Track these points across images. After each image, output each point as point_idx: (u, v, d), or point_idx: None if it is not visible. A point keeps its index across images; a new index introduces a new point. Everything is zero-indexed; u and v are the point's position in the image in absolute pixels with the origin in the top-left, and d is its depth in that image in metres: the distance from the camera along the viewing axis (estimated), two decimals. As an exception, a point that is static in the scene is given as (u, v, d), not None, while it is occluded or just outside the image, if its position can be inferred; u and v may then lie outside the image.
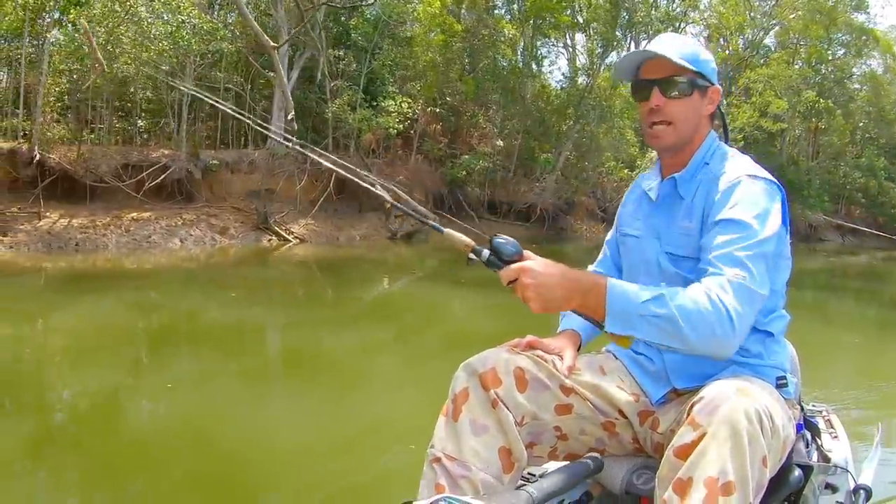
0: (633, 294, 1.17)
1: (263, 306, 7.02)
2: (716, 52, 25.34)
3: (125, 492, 2.61)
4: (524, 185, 18.23)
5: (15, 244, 9.79)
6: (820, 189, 25.93)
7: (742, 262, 1.20)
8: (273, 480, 2.67)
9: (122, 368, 4.50)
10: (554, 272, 1.19)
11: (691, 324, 1.14)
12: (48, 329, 5.73)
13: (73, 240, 10.21)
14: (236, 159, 13.14)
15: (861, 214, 28.23)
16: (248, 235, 11.84)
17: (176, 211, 11.74)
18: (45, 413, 3.60)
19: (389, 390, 4.11)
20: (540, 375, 1.32)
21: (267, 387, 4.23)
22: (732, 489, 1.03)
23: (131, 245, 10.47)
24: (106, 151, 12.03)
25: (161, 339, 5.48)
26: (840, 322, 7.39)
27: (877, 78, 28.77)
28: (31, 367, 4.45)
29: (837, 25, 26.83)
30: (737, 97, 25.19)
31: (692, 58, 1.35)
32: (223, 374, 4.44)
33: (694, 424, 1.08)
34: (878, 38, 27.77)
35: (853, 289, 12.06)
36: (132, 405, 3.79)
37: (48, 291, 7.48)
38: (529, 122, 18.33)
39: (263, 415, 3.53)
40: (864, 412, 3.59)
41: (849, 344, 6.17)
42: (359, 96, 14.09)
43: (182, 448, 3.08)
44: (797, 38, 26.31)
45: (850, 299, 10.02)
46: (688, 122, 1.36)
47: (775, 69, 24.22)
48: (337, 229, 13.30)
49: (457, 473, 1.20)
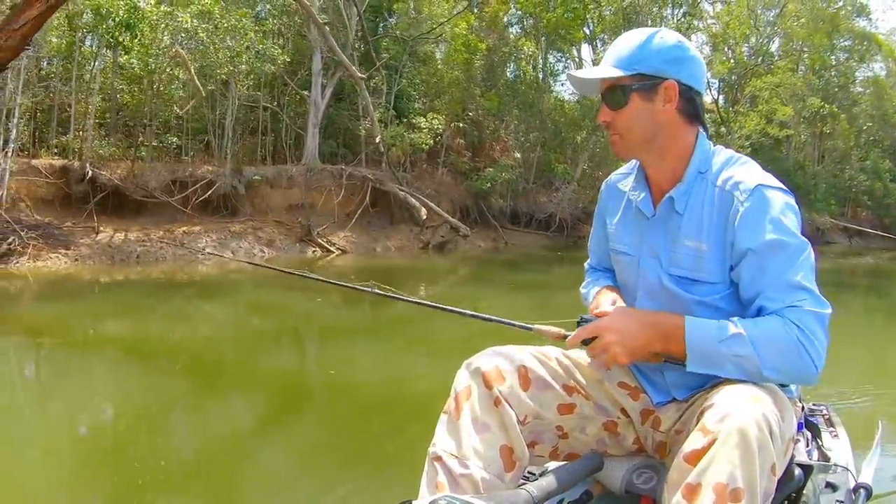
0: (714, 334, 1.17)
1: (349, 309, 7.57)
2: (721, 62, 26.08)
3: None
4: (543, 196, 18.81)
5: (79, 257, 10.37)
6: (826, 192, 26.26)
7: (801, 287, 1.17)
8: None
9: (295, 354, 5.48)
10: (631, 322, 1.22)
11: (773, 365, 1.14)
12: (213, 324, 6.73)
13: (134, 252, 10.80)
14: (275, 174, 13.76)
15: (867, 216, 28.79)
16: (293, 247, 12.44)
17: (223, 224, 12.34)
18: (283, 384, 4.39)
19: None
20: (543, 374, 1.31)
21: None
22: (741, 496, 1.03)
23: (188, 257, 11.06)
24: (154, 168, 12.65)
25: (302, 332, 6.56)
26: (845, 321, 7.53)
27: (880, 82, 29.42)
28: (243, 349, 5.41)
29: (840, 32, 27.52)
30: (743, 105, 25.83)
31: (630, 60, 1.27)
32: (370, 354, 5.18)
33: (705, 430, 1.08)
34: (880, 44, 28.43)
35: (862, 286, 12.58)
36: (339, 381, 4.45)
37: (161, 296, 8.20)
38: (546, 135, 18.93)
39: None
40: (865, 410, 3.58)
41: (851, 342, 6.22)
42: (390, 114, 14.74)
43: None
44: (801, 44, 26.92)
45: (859, 297, 10.20)
46: (637, 130, 1.29)
47: (781, 77, 24.77)
48: (373, 240, 13.91)
49: (457, 472, 1.19)
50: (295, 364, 5.23)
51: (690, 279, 1.28)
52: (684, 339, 1.17)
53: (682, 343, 1.17)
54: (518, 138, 18.08)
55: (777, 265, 1.18)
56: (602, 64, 1.30)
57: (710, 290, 1.26)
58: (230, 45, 11.01)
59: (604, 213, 1.50)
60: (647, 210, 1.36)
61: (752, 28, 26.73)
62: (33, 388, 4.42)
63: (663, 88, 1.26)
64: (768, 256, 1.19)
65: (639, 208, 1.38)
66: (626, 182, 1.44)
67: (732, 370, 1.15)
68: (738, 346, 1.14)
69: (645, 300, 1.36)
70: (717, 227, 1.24)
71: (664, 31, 1.30)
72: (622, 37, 1.32)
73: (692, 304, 1.27)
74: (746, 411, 1.06)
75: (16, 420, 3.53)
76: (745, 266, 1.21)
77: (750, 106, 25.42)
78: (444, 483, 1.18)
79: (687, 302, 1.28)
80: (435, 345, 5.52)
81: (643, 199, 1.37)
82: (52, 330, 5.96)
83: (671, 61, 1.26)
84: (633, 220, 1.40)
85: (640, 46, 1.27)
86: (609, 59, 1.29)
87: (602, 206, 1.51)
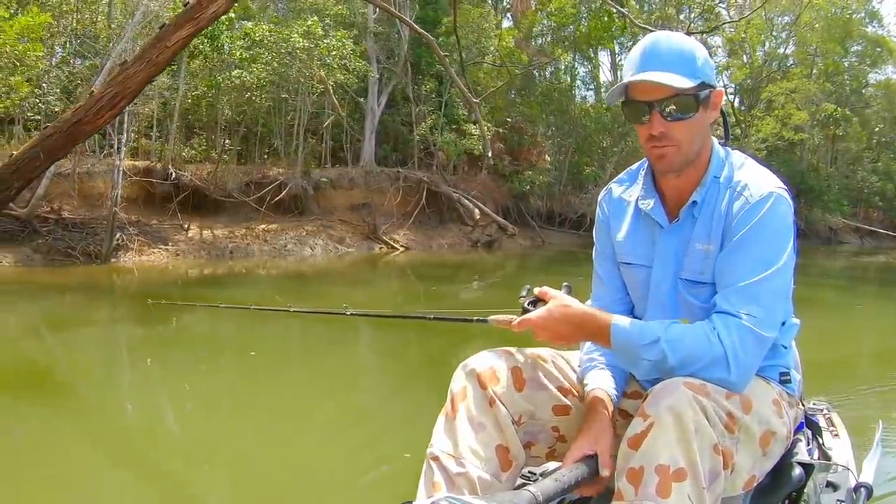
0: (635, 339, 1.19)
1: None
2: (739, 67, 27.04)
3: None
4: (574, 197, 19.90)
5: (179, 252, 11.53)
6: (839, 194, 27.03)
7: (757, 299, 1.17)
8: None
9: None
10: (560, 323, 1.23)
11: (686, 368, 1.16)
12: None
13: (227, 248, 11.96)
14: (338, 176, 14.90)
15: (878, 217, 29.71)
16: (362, 244, 13.59)
17: (296, 223, 13.49)
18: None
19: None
20: (538, 375, 1.32)
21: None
22: (684, 475, 1.05)
23: (272, 253, 12.23)
24: (231, 170, 13.78)
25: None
26: (847, 320, 7.61)
27: (891, 85, 30.19)
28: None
29: (853, 37, 28.43)
30: (760, 109, 26.79)
31: (691, 68, 1.23)
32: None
33: (644, 415, 1.11)
34: (892, 50, 29.31)
35: (873, 281, 13.49)
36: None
37: (303, 287, 9.31)
38: (578, 140, 20.02)
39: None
40: (866, 410, 3.61)
41: (852, 342, 6.21)
42: (441, 121, 15.87)
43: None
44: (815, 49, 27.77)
45: (870, 296, 10.40)
46: (695, 140, 1.27)
47: (796, 83, 25.65)
48: (428, 238, 15.06)
49: (453, 471, 1.20)
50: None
51: (699, 282, 1.28)
52: (610, 340, 1.21)
53: (608, 342, 1.22)
54: (553, 143, 19.18)
55: (747, 268, 1.19)
56: (651, 70, 1.21)
57: (714, 291, 1.25)
58: (328, 61, 12.13)
59: (607, 228, 1.44)
60: (662, 219, 1.33)
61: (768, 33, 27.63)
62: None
63: (714, 97, 1.26)
64: (744, 256, 1.20)
65: (651, 218, 1.34)
66: (631, 191, 1.40)
67: (651, 372, 1.20)
68: (652, 353, 1.17)
69: (655, 310, 1.35)
70: (724, 226, 1.25)
71: (689, 37, 1.31)
72: (664, 43, 1.24)
73: (699, 311, 1.27)
74: (679, 394, 1.09)
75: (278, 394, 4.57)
76: (723, 259, 1.23)
77: (766, 110, 26.24)
78: (441, 483, 1.20)
79: (695, 309, 1.28)
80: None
81: (655, 208, 1.34)
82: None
83: (713, 70, 1.27)
84: (644, 230, 1.37)
85: (692, 55, 1.23)
86: (664, 66, 1.21)
87: (604, 220, 1.45)
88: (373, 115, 15.56)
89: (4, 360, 4.61)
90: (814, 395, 1.98)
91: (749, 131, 25.14)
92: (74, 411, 3.56)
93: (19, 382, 4.02)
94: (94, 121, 7.85)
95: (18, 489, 2.46)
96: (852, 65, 29.02)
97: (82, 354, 4.96)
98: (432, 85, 16.18)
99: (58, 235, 10.99)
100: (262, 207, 13.38)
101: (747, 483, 1.20)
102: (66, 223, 11.45)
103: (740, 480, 1.18)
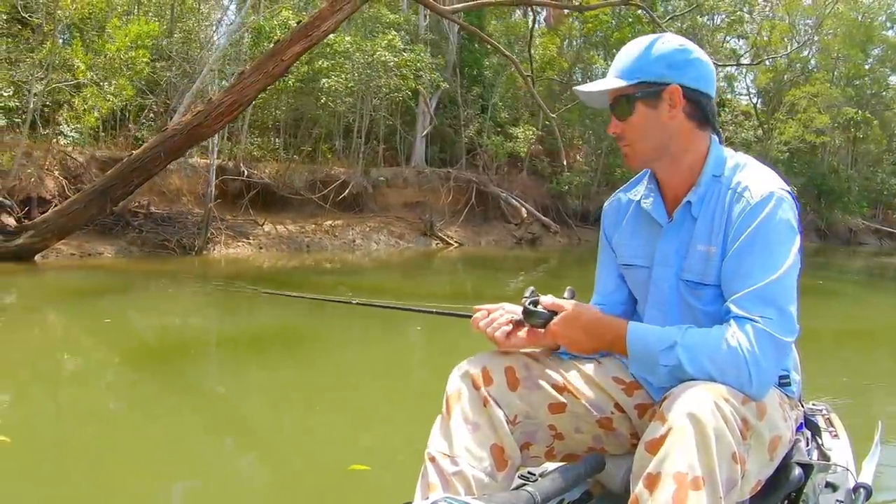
0: (651, 343, 1.19)
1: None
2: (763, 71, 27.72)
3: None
4: (607, 197, 20.69)
5: (262, 245, 12.56)
6: (859, 195, 27.58)
7: (772, 301, 1.16)
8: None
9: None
10: (577, 331, 1.25)
11: (705, 375, 1.14)
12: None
13: (304, 242, 12.99)
14: (393, 176, 15.91)
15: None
16: (420, 240, 14.60)
17: (359, 219, 14.52)
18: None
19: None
20: (532, 374, 1.33)
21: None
22: (701, 484, 1.03)
23: (343, 247, 13.25)
24: (297, 168, 14.81)
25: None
26: (850, 320, 7.75)
27: (911, 88, 30.78)
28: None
29: (873, 41, 29.06)
30: (782, 113, 27.48)
31: (631, 68, 1.27)
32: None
33: (662, 419, 1.09)
34: (912, 54, 29.84)
35: (891, 279, 14.28)
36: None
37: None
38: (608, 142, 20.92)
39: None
40: (865, 410, 3.61)
41: (854, 340, 6.26)
42: (488, 124, 16.86)
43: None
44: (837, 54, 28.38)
45: (889, 295, 10.61)
46: (646, 138, 1.28)
47: (818, 87, 26.30)
48: (477, 235, 16.07)
49: (449, 471, 1.22)
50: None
51: (701, 283, 1.27)
52: (626, 347, 1.21)
53: (625, 350, 1.22)
54: (589, 145, 20.11)
55: (757, 271, 1.18)
56: (608, 76, 1.30)
57: (716, 293, 1.25)
58: (405, 72, 13.18)
59: (608, 235, 1.47)
60: (661, 218, 1.34)
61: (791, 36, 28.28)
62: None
63: (667, 94, 1.25)
64: (752, 258, 1.19)
65: (651, 216, 1.36)
66: (635, 191, 1.42)
67: (669, 379, 1.17)
68: (669, 359, 1.16)
69: (654, 311, 1.36)
70: (725, 228, 1.24)
71: (667, 35, 1.30)
72: (625, 47, 1.31)
73: (700, 314, 1.27)
74: (701, 400, 1.07)
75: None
76: (729, 263, 1.22)
77: (788, 114, 26.89)
78: (437, 483, 1.21)
79: (697, 312, 1.28)
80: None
81: (655, 207, 1.35)
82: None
83: (673, 66, 1.26)
84: (644, 230, 1.38)
85: (641, 54, 1.27)
86: (613, 71, 1.29)
87: (605, 227, 1.48)
88: (423, 118, 16.57)
89: (249, 330, 5.56)
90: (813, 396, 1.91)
91: (772, 134, 25.80)
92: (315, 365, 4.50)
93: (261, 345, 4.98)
94: (213, 125, 8.86)
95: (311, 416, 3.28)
96: (873, 68, 29.56)
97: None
98: (478, 90, 17.16)
99: (149, 229, 12.04)
100: (326, 204, 14.42)
101: (753, 489, 1.20)
102: (154, 217, 12.50)
103: (748, 486, 1.18)
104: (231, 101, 8.71)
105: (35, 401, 3.65)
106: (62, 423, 3.33)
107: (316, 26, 8.36)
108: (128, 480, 2.56)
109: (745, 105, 28.83)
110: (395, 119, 16.42)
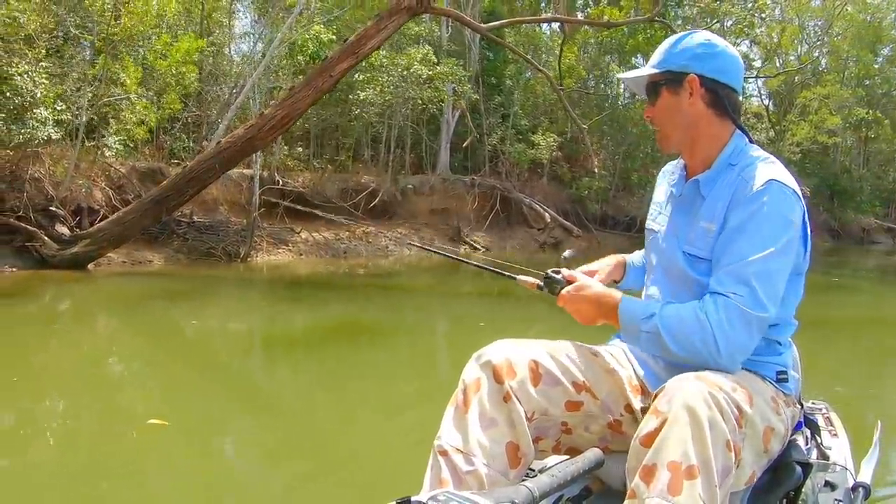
0: (636, 312, 1.30)
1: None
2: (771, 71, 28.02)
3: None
4: (624, 201, 21.22)
5: (302, 252, 13.08)
6: (871, 195, 27.89)
7: (746, 281, 1.22)
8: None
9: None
10: (582, 299, 1.36)
11: (678, 343, 1.23)
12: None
13: (341, 248, 13.51)
14: (419, 183, 16.43)
15: (909, 218, 30.58)
16: (448, 246, 15.08)
17: (389, 226, 15.02)
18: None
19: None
20: (554, 369, 1.34)
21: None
22: (696, 473, 1.05)
23: (377, 253, 13.77)
24: (329, 177, 15.35)
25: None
26: (853, 318, 7.75)
27: (921, 88, 30.99)
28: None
29: (883, 42, 29.38)
30: (794, 114, 27.79)
31: (661, 59, 1.40)
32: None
33: (656, 413, 1.11)
34: (921, 56, 30.12)
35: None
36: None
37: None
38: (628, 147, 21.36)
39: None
40: (864, 410, 3.60)
41: (854, 340, 6.29)
42: (510, 132, 17.38)
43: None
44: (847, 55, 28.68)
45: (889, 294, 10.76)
46: (671, 123, 1.40)
47: (830, 89, 26.60)
48: (501, 240, 16.55)
49: (462, 469, 1.21)
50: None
51: (700, 258, 1.35)
52: (617, 315, 1.31)
53: (618, 320, 1.32)
54: (607, 150, 20.57)
55: (740, 251, 1.24)
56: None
57: (712, 267, 1.31)
58: (437, 84, 13.74)
59: (654, 193, 1.59)
60: (677, 189, 1.46)
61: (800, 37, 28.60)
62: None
63: (687, 83, 1.36)
64: (738, 240, 1.26)
65: (671, 189, 1.49)
66: (674, 169, 1.54)
67: (647, 346, 1.30)
68: (648, 325, 1.26)
69: (660, 274, 1.47)
70: (726, 209, 1.31)
71: (700, 32, 1.41)
72: (664, 41, 1.44)
73: (696, 284, 1.34)
74: (693, 389, 1.10)
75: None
76: (720, 241, 1.30)
77: (800, 115, 27.18)
78: (449, 479, 1.20)
79: (693, 282, 1.35)
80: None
81: (677, 182, 1.47)
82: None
83: (694, 57, 1.36)
84: (667, 201, 1.51)
85: (671, 46, 1.39)
86: (650, 61, 1.42)
87: (656, 186, 1.59)
88: (447, 126, 17.11)
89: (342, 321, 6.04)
90: (813, 395, 2.00)
91: (784, 136, 26.13)
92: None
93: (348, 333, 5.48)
94: (265, 137, 9.39)
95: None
96: (883, 67, 29.84)
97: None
98: (500, 98, 17.68)
99: (193, 237, 12.57)
100: (357, 212, 14.94)
101: (749, 479, 1.22)
102: (196, 226, 13.04)
103: (744, 476, 1.20)
104: (283, 115, 9.23)
105: (178, 390, 4.10)
106: (212, 407, 3.80)
107: (362, 44, 8.88)
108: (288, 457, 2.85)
109: (756, 107, 29.20)
110: (421, 128, 16.93)
